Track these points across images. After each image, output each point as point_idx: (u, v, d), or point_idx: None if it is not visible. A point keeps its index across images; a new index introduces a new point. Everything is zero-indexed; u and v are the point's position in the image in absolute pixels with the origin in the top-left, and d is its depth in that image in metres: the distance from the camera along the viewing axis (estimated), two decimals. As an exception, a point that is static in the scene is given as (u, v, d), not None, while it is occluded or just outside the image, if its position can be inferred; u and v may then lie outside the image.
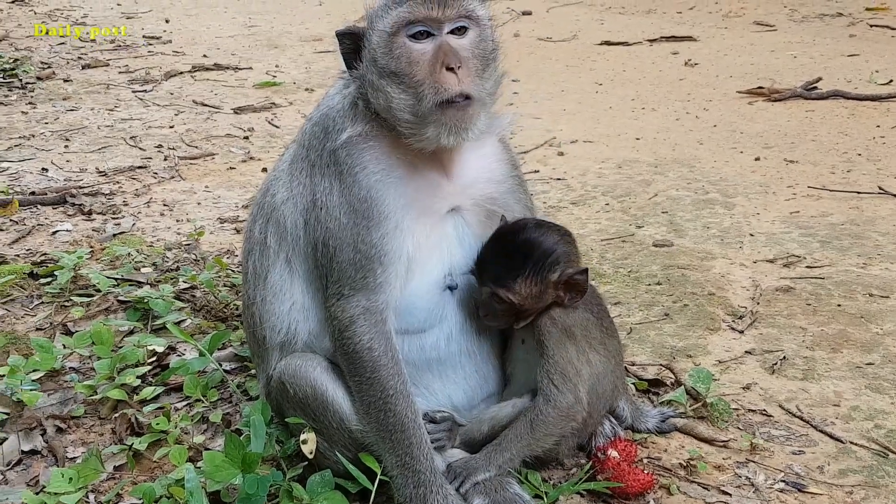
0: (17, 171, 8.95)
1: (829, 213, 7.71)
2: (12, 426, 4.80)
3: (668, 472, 4.40)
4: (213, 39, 16.26)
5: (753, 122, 10.57)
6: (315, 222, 4.14)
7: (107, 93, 12.41)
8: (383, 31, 3.99)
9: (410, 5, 3.94)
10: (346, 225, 4.04)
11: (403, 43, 3.97)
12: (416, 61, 3.96)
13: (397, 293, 4.08)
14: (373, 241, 4.00)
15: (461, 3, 3.99)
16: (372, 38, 4.04)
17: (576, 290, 4.20)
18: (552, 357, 4.16)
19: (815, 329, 5.75)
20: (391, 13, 3.98)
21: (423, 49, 3.97)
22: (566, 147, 9.84)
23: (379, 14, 4.04)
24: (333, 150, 4.14)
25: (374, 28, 4.05)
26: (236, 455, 3.93)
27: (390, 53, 3.98)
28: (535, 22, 17.21)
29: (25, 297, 6.14)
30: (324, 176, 4.14)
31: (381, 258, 4.01)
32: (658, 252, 6.98)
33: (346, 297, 4.03)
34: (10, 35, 15.98)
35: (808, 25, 15.91)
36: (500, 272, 4.11)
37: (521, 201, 4.49)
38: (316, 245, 4.14)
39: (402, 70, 3.97)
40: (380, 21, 4.02)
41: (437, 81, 3.92)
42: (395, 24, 3.96)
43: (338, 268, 4.05)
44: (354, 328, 3.99)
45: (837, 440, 4.64)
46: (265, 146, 9.99)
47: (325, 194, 4.12)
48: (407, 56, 3.97)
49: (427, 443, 4.01)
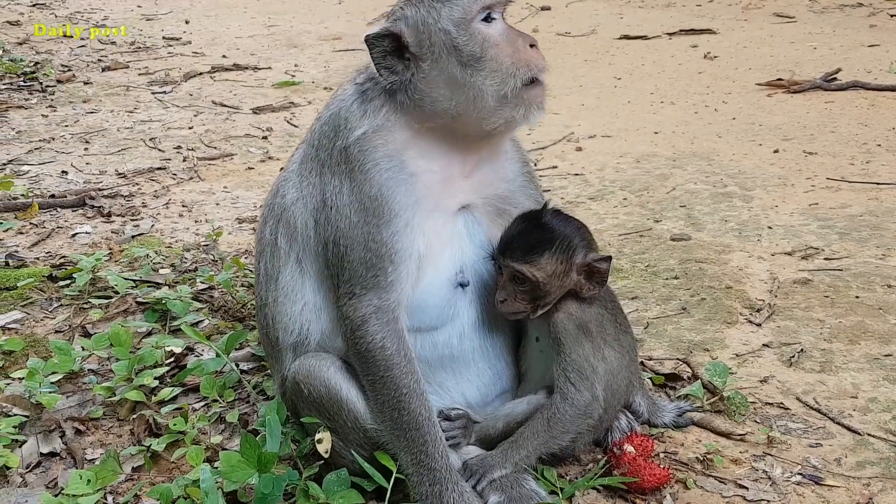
0: (37, 174, 9.01)
1: (847, 204, 7.67)
2: (31, 428, 4.83)
3: (685, 466, 4.39)
4: (233, 40, 16.30)
5: (773, 115, 10.53)
6: (325, 222, 4.14)
7: (126, 95, 12.46)
8: (461, 20, 3.97)
9: None
10: (356, 223, 4.04)
11: (479, 28, 3.97)
12: (497, 43, 3.98)
13: (409, 291, 4.07)
14: (383, 240, 4.00)
15: None
16: (443, 28, 3.99)
17: (597, 278, 4.21)
18: (568, 355, 4.15)
19: (832, 321, 5.73)
20: (460, 1, 3.98)
21: (498, 30, 4.02)
22: (584, 142, 9.83)
23: (437, 7, 4.02)
24: (345, 147, 4.13)
25: (438, 20, 4.00)
26: (252, 455, 3.94)
27: (472, 39, 3.97)
28: (554, 17, 17.19)
29: (45, 299, 6.17)
30: (334, 174, 4.14)
31: (392, 256, 4.00)
32: (676, 246, 6.97)
33: (357, 296, 4.03)
34: (30, 38, 16.06)
35: (828, 16, 15.83)
36: (526, 247, 4.11)
37: (531, 197, 4.47)
38: (326, 244, 4.14)
39: (487, 54, 3.97)
40: (447, 11, 3.99)
41: (526, 59, 3.99)
42: (470, 11, 3.97)
43: (349, 267, 4.05)
44: (367, 327, 3.99)
45: (855, 432, 4.62)
46: (284, 146, 10.00)
47: (335, 193, 4.12)
48: (488, 39, 3.98)
49: (442, 440, 4.01)
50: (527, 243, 4.11)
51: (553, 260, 4.11)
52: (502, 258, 4.15)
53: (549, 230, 4.15)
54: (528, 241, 4.12)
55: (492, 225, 4.33)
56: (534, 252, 4.10)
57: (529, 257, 4.09)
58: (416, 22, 4.04)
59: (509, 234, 4.18)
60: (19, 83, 12.75)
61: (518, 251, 4.11)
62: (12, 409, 4.93)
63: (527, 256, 4.10)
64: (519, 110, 4.02)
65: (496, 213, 4.34)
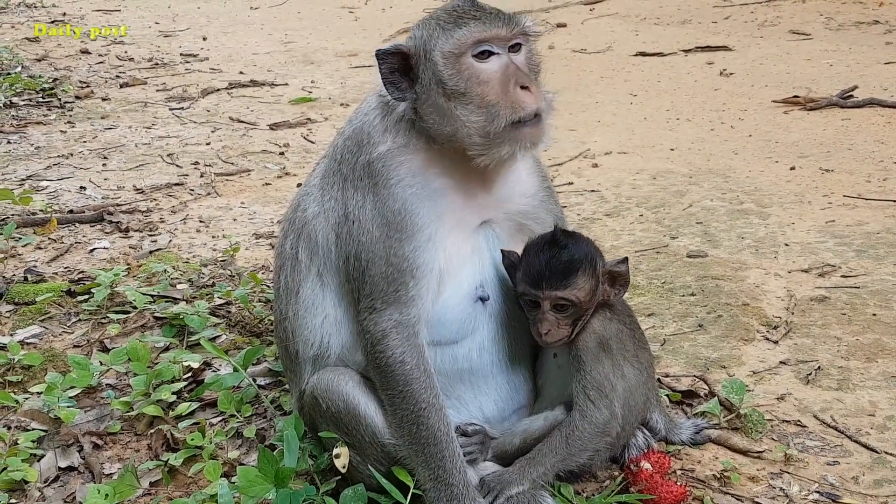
0: (55, 190, 9.04)
1: (864, 221, 7.65)
2: (50, 443, 4.85)
3: (702, 483, 4.39)
4: (250, 56, 16.35)
5: (789, 132, 10.51)
6: (347, 236, 4.15)
7: (144, 111, 12.51)
8: (450, 52, 3.96)
9: (478, 25, 3.94)
10: (378, 238, 4.05)
11: (471, 63, 3.95)
12: (487, 81, 3.95)
13: (429, 306, 4.08)
14: (405, 254, 4.01)
15: (520, 20, 4.02)
16: (432, 58, 4.00)
17: (620, 281, 4.26)
18: (588, 372, 4.16)
19: (850, 339, 5.72)
20: (455, 33, 3.96)
21: (491, 68, 3.97)
22: (600, 159, 9.83)
23: (436, 34, 4.01)
24: (368, 162, 4.14)
25: (433, 48, 4.00)
26: (270, 470, 3.96)
27: (458, 74, 3.96)
28: (570, 34, 17.20)
29: (63, 314, 6.20)
30: (357, 189, 4.15)
31: (413, 271, 4.01)
32: (692, 263, 6.96)
33: (378, 310, 4.04)
34: (49, 55, 16.14)
35: (844, 33, 15.80)
36: (561, 274, 4.11)
37: (551, 212, 4.50)
38: (348, 259, 4.15)
39: (472, 90, 3.96)
40: (441, 41, 3.99)
41: (512, 101, 3.93)
42: (462, 45, 3.94)
43: (370, 281, 4.06)
44: (387, 342, 4.00)
45: (872, 450, 4.62)
46: (301, 162, 10.03)
47: (357, 207, 4.13)
48: (476, 76, 3.96)
49: (460, 456, 4.01)
50: (559, 270, 4.12)
51: (586, 276, 4.14)
52: (541, 291, 4.12)
53: (570, 250, 4.16)
54: (559, 267, 4.12)
55: (512, 240, 4.34)
56: (570, 275, 4.11)
57: (567, 282, 4.11)
58: (417, 44, 4.06)
59: (537, 266, 4.15)
60: (38, 99, 12.82)
61: (555, 279, 4.11)
62: (31, 424, 4.97)
63: (565, 282, 4.11)
64: (504, 148, 3.98)
65: (517, 228, 4.36)
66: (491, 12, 4.00)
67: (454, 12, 4.02)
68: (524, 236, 4.36)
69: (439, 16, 4.06)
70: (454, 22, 3.98)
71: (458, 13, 4.00)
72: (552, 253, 4.14)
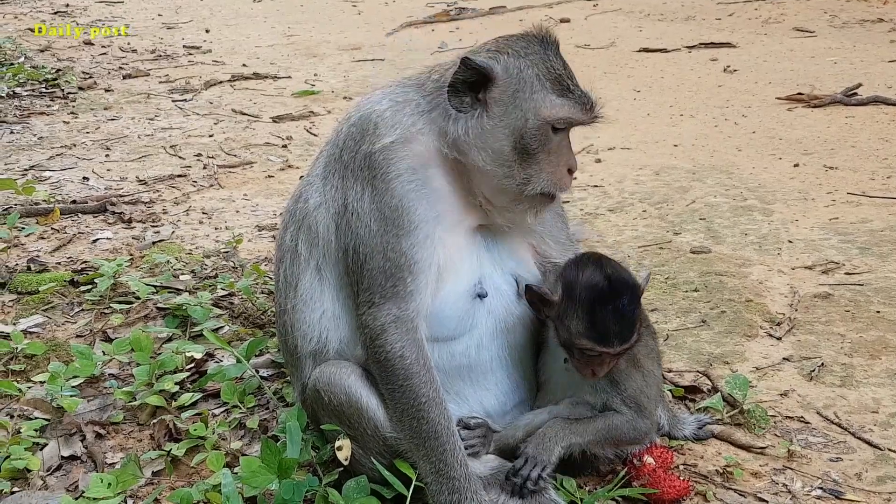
0: (58, 180, 9.04)
1: (868, 219, 7.65)
2: (52, 432, 4.85)
3: (705, 478, 4.39)
4: (253, 49, 16.35)
5: (793, 129, 10.51)
6: (346, 227, 4.14)
7: (147, 102, 12.51)
8: (544, 118, 3.98)
9: (577, 107, 4.03)
10: (375, 232, 4.04)
11: (548, 131, 3.99)
12: (550, 151, 4.02)
13: (428, 301, 4.07)
14: (402, 250, 4.00)
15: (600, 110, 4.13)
16: (521, 108, 3.99)
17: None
18: (624, 390, 4.21)
19: (853, 336, 5.71)
20: (559, 104, 3.99)
21: (559, 142, 4.04)
22: (604, 154, 9.82)
23: (536, 88, 4.00)
24: (370, 153, 4.11)
25: (527, 99, 3.99)
26: (273, 461, 3.96)
27: (536, 137, 3.98)
28: (574, 29, 17.19)
29: (66, 304, 6.20)
30: (356, 180, 4.13)
31: (411, 267, 4.00)
32: (695, 259, 6.96)
33: (376, 305, 4.02)
34: (52, 46, 16.13)
35: (848, 31, 15.80)
36: (629, 330, 4.03)
37: (556, 213, 4.51)
38: (347, 251, 4.14)
39: (537, 154, 4.01)
40: (543, 104, 3.98)
41: (558, 178, 4.06)
42: (560, 119, 3.99)
43: (368, 276, 4.05)
44: (386, 336, 3.99)
45: (875, 447, 4.62)
46: (303, 154, 10.02)
47: (356, 199, 4.11)
48: (546, 144, 4.01)
49: (461, 449, 4.00)
50: (629, 324, 4.03)
51: (641, 312, 4.14)
52: (611, 348, 4.01)
53: (632, 299, 4.06)
54: (628, 322, 4.03)
55: (512, 238, 4.33)
56: (633, 327, 4.05)
57: (635, 332, 4.06)
58: (510, 81, 4.02)
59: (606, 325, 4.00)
60: (41, 90, 12.82)
61: (625, 334, 4.02)
62: (34, 413, 4.97)
63: (634, 334, 4.05)
64: (520, 208, 4.12)
65: (519, 232, 4.34)
66: (583, 93, 4.07)
67: (554, 72, 4.03)
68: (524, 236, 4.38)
69: (537, 63, 4.03)
70: (557, 89, 4.01)
71: (558, 77, 4.03)
72: (616, 308, 4.02)
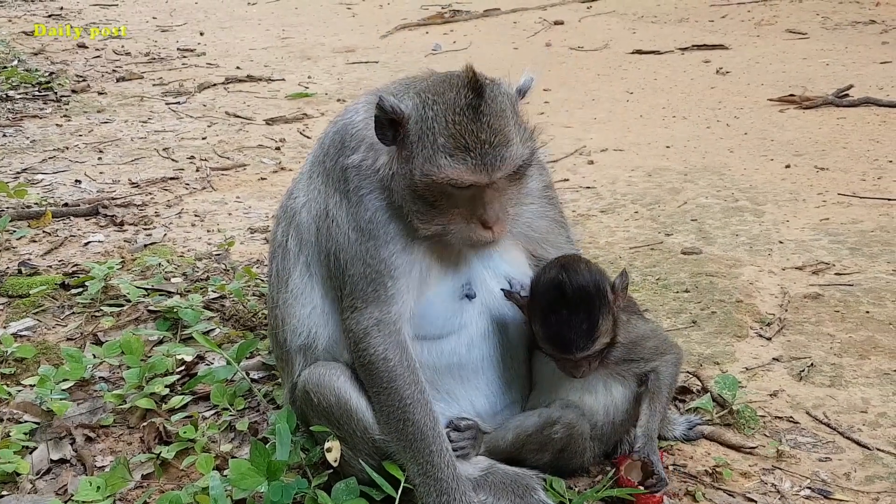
0: (50, 183, 9.05)
1: (859, 220, 7.66)
2: (42, 435, 4.86)
3: (694, 479, 4.40)
4: (247, 51, 16.35)
5: (784, 130, 10.51)
6: (326, 232, 4.15)
7: (140, 105, 12.52)
8: (427, 175, 3.82)
9: (455, 164, 3.77)
10: (353, 241, 4.04)
11: (445, 188, 3.84)
12: (455, 205, 3.89)
13: (411, 303, 4.07)
14: (381, 257, 4.00)
15: (509, 161, 3.83)
16: (412, 159, 3.87)
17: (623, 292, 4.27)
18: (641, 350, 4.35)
19: (843, 336, 5.72)
20: (437, 160, 3.79)
21: (462, 195, 3.88)
22: (596, 155, 9.83)
23: (423, 140, 3.84)
24: (345, 167, 4.13)
25: (418, 152, 3.85)
26: (262, 463, 3.96)
27: (430, 188, 3.85)
28: (567, 31, 17.20)
29: (57, 307, 6.20)
30: (336, 189, 4.14)
31: (391, 272, 4.01)
32: (686, 260, 6.97)
33: (359, 309, 4.03)
34: (46, 49, 16.13)
35: (840, 33, 15.80)
36: (586, 337, 4.02)
37: (547, 217, 4.46)
38: (328, 256, 4.15)
39: (440, 205, 3.90)
40: (422, 155, 3.83)
41: (469, 231, 3.92)
42: (444, 178, 3.79)
43: (350, 281, 4.05)
44: (369, 339, 4.00)
45: (864, 447, 4.62)
46: (296, 157, 10.02)
47: (336, 207, 4.12)
48: (446, 197, 3.88)
49: (448, 451, 4.01)
50: (584, 333, 4.02)
51: (606, 320, 4.09)
52: (572, 355, 4.04)
53: (587, 307, 4.05)
54: (582, 331, 4.02)
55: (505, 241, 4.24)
56: (594, 332, 4.03)
57: (594, 339, 4.04)
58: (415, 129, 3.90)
59: (559, 335, 4.04)
60: (34, 93, 12.83)
61: (582, 342, 4.02)
62: (23, 416, 4.97)
63: (592, 341, 4.04)
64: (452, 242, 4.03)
65: (511, 233, 4.24)
66: (482, 150, 3.78)
67: (453, 128, 3.79)
68: (518, 240, 4.36)
69: (441, 115, 3.82)
70: (450, 148, 3.78)
71: (456, 133, 3.78)
72: (570, 315, 4.02)
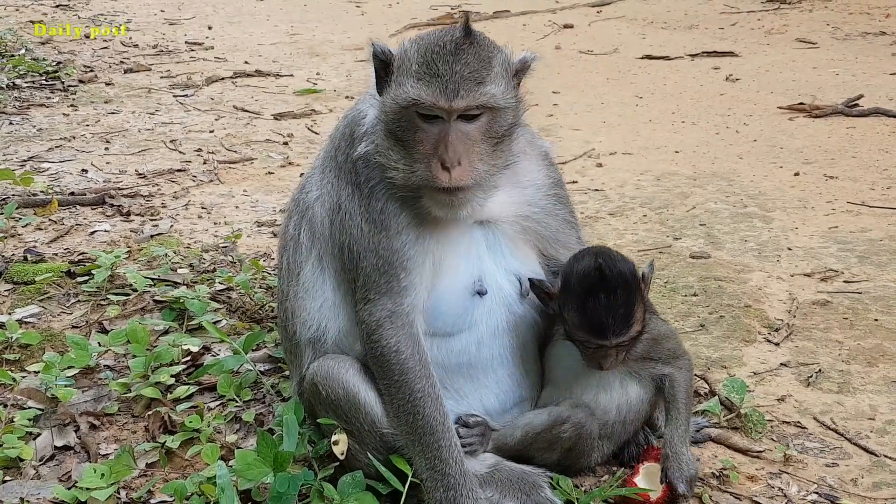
0: (57, 172, 9.03)
1: (868, 228, 7.64)
2: (46, 422, 4.85)
3: (701, 481, 4.37)
4: (255, 46, 16.32)
5: (793, 138, 10.49)
6: (340, 225, 4.16)
7: (148, 97, 12.49)
8: (395, 101, 3.89)
9: (420, 87, 3.81)
10: (366, 232, 4.05)
11: (413, 116, 3.88)
12: (420, 141, 3.89)
13: (424, 295, 4.07)
14: (394, 248, 4.01)
15: (476, 94, 3.83)
16: (386, 97, 3.97)
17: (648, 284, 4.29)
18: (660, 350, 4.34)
19: (851, 343, 5.71)
20: (405, 84, 3.86)
21: (429, 131, 3.88)
22: (605, 159, 9.81)
23: (400, 71, 3.93)
24: (355, 159, 4.15)
25: (391, 85, 3.95)
26: (268, 454, 3.95)
27: (398, 122, 3.91)
28: (577, 35, 17.17)
29: (62, 295, 6.19)
30: (347, 182, 4.16)
31: (403, 263, 4.01)
32: (695, 264, 6.95)
33: (372, 301, 4.03)
34: (53, 39, 16.10)
35: (850, 43, 15.77)
36: (623, 322, 4.04)
37: (558, 216, 4.45)
38: (342, 249, 4.15)
39: (407, 139, 3.91)
40: (396, 84, 3.92)
41: (431, 171, 3.85)
42: (406, 100, 3.84)
43: (363, 273, 4.06)
44: (381, 331, 4.00)
45: (871, 453, 4.61)
46: (304, 152, 10.01)
47: (348, 199, 4.13)
48: (413, 131, 3.90)
49: (457, 446, 4.01)
50: (622, 317, 4.04)
51: (639, 306, 4.11)
52: (608, 340, 4.04)
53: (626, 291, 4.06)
54: (620, 314, 4.04)
55: (515, 239, 4.29)
56: (631, 318, 4.06)
57: (629, 325, 4.06)
58: (398, 65, 3.97)
59: (597, 318, 4.03)
60: (41, 82, 12.78)
61: (619, 327, 4.04)
62: (27, 402, 4.96)
63: (629, 327, 4.06)
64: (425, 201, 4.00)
65: (521, 230, 4.30)
66: (450, 77, 3.81)
67: (428, 55, 3.87)
68: (528, 237, 4.35)
69: (423, 48, 3.91)
70: (421, 72, 3.84)
71: (429, 60, 3.85)
72: (608, 299, 4.03)
